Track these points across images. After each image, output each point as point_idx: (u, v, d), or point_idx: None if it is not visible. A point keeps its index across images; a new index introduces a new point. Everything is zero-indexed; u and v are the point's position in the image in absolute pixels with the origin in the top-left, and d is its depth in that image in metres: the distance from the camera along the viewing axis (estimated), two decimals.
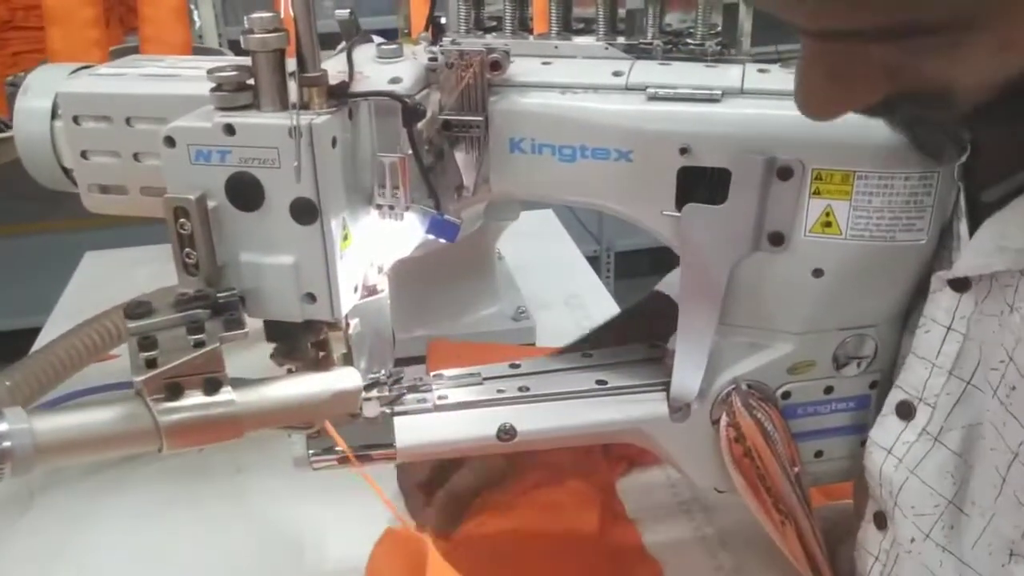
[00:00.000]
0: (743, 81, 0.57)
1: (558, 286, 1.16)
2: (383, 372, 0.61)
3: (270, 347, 0.59)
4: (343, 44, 0.62)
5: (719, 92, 0.56)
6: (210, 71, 0.52)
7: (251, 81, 0.52)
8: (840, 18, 0.40)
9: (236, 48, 1.63)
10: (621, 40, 0.66)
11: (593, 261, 2.28)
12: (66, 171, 0.70)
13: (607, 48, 0.65)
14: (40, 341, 0.98)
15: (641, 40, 0.65)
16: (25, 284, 2.16)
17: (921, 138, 0.54)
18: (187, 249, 0.52)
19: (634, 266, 2.81)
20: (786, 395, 0.62)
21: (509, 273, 1.11)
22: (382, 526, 0.68)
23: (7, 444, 0.46)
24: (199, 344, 0.49)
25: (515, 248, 1.17)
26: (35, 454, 0.46)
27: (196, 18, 1.18)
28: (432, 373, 0.65)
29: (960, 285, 0.55)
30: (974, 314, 0.54)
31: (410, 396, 0.62)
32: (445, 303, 0.95)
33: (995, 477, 0.52)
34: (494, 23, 0.71)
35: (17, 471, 0.45)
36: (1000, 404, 0.51)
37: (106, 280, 1.21)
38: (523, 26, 0.70)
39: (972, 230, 0.53)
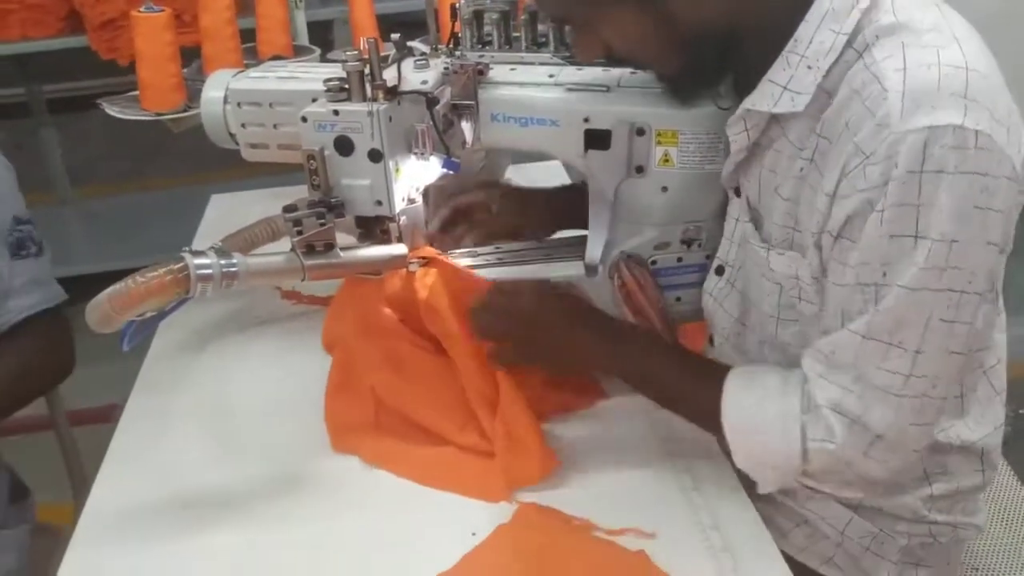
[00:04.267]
0: (620, 80, 1.00)
1: None
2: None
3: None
4: (393, 57, 1.06)
5: (606, 86, 1.00)
6: (325, 80, 0.97)
7: (347, 86, 0.97)
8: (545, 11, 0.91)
9: (313, 32, 2.06)
10: (563, 51, 1.09)
11: None
12: (232, 136, 1.16)
13: (552, 57, 1.08)
14: None
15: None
16: (160, 227, 2.65)
17: (669, 89, 0.96)
18: (313, 176, 0.97)
19: None
20: (654, 262, 1.05)
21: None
22: None
23: (222, 271, 0.90)
24: (322, 225, 0.94)
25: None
26: (240, 277, 0.91)
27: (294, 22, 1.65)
28: (449, 252, 1.10)
29: (738, 192, 0.97)
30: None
31: None
32: None
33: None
34: (490, 38, 1.15)
35: (240, 286, 0.90)
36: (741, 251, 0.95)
37: (231, 214, 1.65)
38: (507, 40, 1.13)
39: None
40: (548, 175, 1.76)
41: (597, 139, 1.00)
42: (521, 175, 1.53)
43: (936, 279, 0.76)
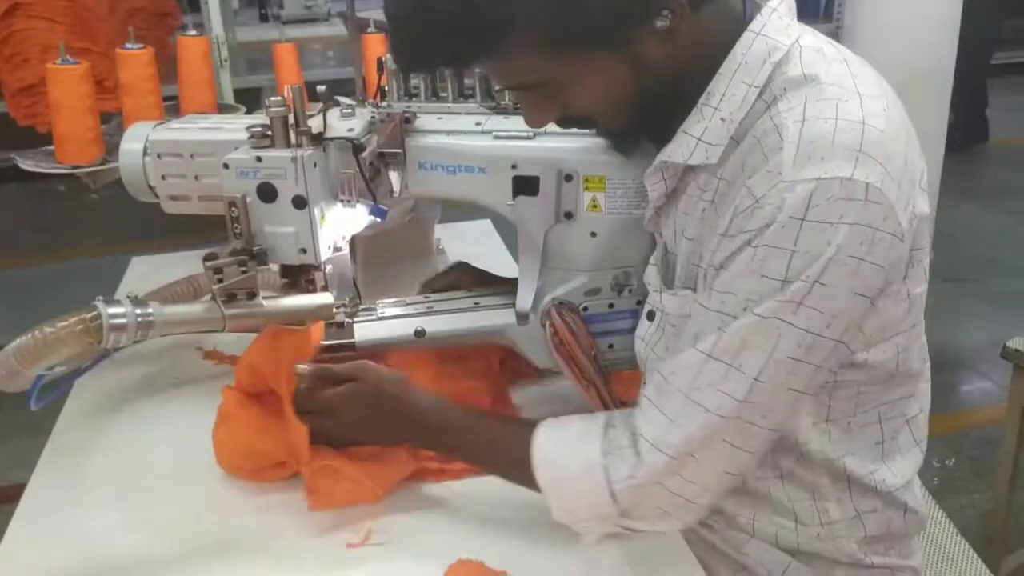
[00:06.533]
0: (546, 128, 1.01)
1: None
2: (347, 298, 1.04)
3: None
4: (320, 107, 1.05)
5: (532, 133, 1.00)
6: (248, 127, 0.95)
7: (270, 132, 0.95)
8: (521, 79, 0.86)
9: (242, 99, 2.06)
10: (489, 102, 1.09)
11: None
12: (151, 188, 1.13)
13: (479, 107, 1.08)
14: None
15: (501, 102, 1.09)
16: (79, 296, 2.57)
17: (615, 144, 0.97)
18: (235, 224, 0.95)
19: None
20: (585, 309, 1.04)
21: (449, 264, 1.53)
22: None
23: (137, 320, 0.86)
24: (243, 273, 0.91)
25: (457, 247, 1.57)
26: (157, 327, 0.88)
27: (219, 81, 1.63)
28: (379, 301, 1.08)
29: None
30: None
31: (362, 311, 1.05)
32: (396, 278, 1.37)
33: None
34: (416, 91, 1.15)
35: (156, 335, 0.87)
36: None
37: (151, 276, 1.61)
38: (434, 92, 1.13)
39: None
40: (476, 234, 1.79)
41: (525, 185, 1.00)
42: (453, 233, 1.53)
43: (791, 314, 0.78)
